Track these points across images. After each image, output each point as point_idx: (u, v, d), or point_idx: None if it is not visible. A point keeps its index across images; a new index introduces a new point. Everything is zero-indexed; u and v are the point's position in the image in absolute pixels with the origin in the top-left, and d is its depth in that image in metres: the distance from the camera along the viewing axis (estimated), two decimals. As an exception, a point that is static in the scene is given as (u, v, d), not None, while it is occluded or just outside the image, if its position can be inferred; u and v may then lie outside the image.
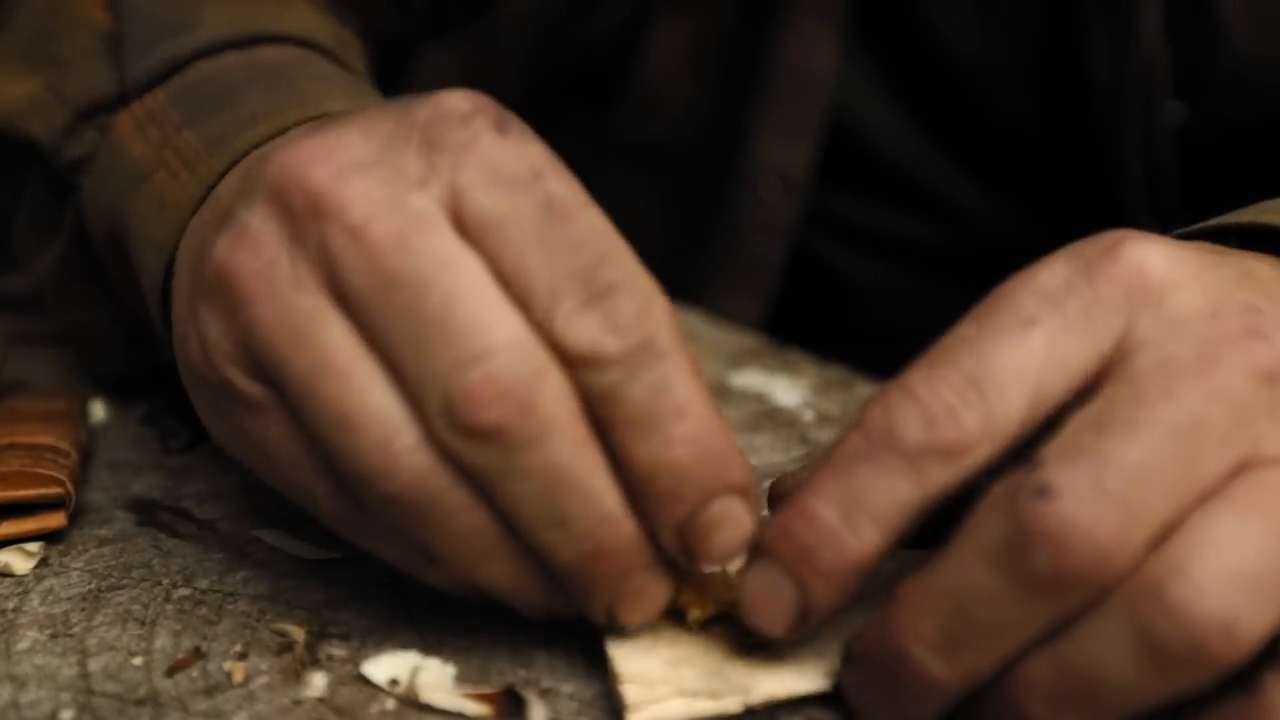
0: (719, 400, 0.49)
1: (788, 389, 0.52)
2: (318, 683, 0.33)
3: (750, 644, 0.32)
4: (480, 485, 0.30)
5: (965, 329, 0.30)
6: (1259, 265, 0.32)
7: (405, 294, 0.29)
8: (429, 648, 0.34)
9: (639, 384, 0.29)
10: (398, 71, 0.77)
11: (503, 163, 0.30)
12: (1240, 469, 0.28)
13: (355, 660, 0.34)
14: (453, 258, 0.29)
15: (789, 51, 0.64)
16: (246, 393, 0.31)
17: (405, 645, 0.34)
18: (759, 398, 0.51)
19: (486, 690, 0.32)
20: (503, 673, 0.33)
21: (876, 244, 0.69)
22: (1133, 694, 0.27)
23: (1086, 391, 0.29)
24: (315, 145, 0.30)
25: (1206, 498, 0.28)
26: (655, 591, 0.32)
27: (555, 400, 0.29)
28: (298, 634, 0.35)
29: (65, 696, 0.32)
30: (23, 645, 0.34)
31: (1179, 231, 0.36)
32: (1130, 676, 0.27)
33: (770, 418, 0.49)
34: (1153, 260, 0.30)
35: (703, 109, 0.70)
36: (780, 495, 0.34)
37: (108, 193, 0.41)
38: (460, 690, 0.32)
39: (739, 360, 0.55)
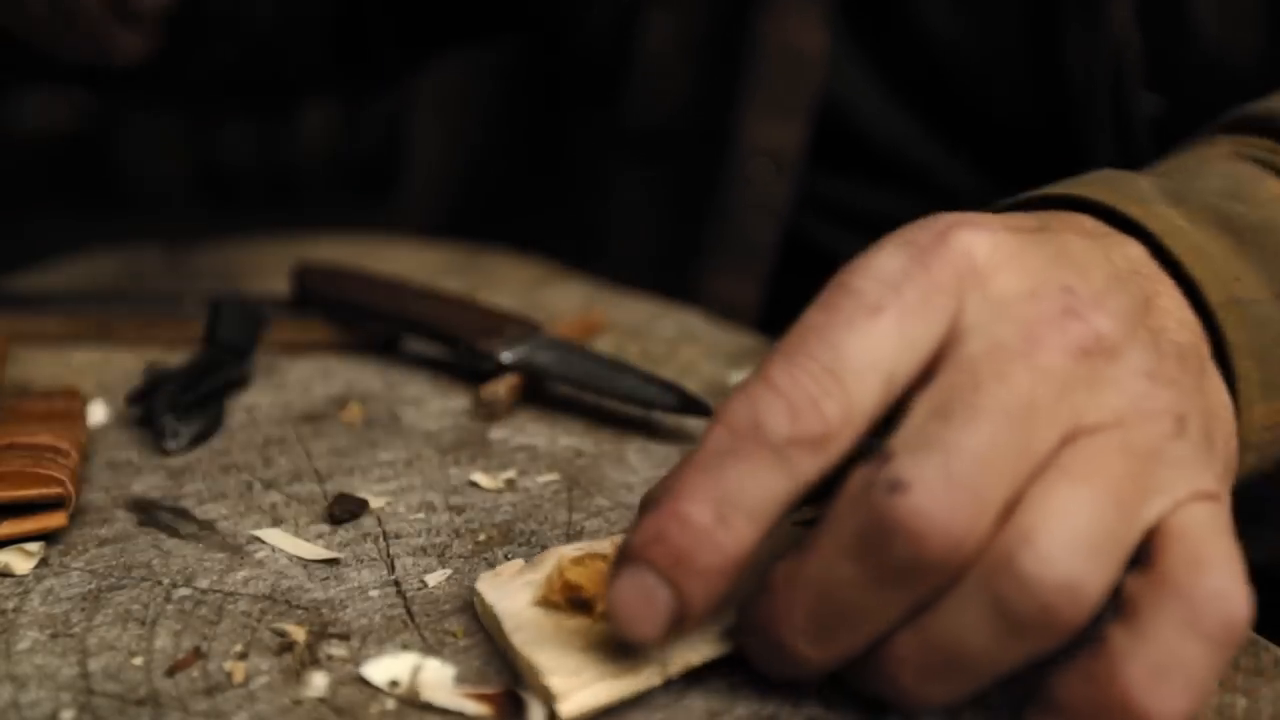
0: (718, 401, 0.49)
1: (787, 389, 0.52)
2: (318, 683, 0.33)
3: None
4: None
5: (814, 317, 0.31)
6: (1075, 240, 0.34)
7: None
8: (429, 648, 0.34)
9: None
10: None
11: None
12: (1066, 440, 0.29)
13: (355, 660, 0.34)
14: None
15: (777, 32, 0.64)
16: None
17: (405, 645, 0.34)
18: (759, 398, 0.51)
19: (486, 690, 0.33)
20: (503, 673, 0.33)
21: (871, 227, 0.69)
22: (993, 661, 0.29)
23: (927, 371, 0.30)
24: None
25: (1041, 471, 0.29)
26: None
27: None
28: (298, 634, 0.35)
29: (65, 696, 0.32)
30: (23, 645, 0.34)
31: (1004, 202, 0.39)
32: (990, 646, 0.29)
33: (770, 418, 0.49)
34: (978, 245, 0.32)
35: (695, 92, 0.70)
36: (649, 501, 0.34)
37: None
38: (460, 690, 0.32)
39: (739, 360, 0.55)
